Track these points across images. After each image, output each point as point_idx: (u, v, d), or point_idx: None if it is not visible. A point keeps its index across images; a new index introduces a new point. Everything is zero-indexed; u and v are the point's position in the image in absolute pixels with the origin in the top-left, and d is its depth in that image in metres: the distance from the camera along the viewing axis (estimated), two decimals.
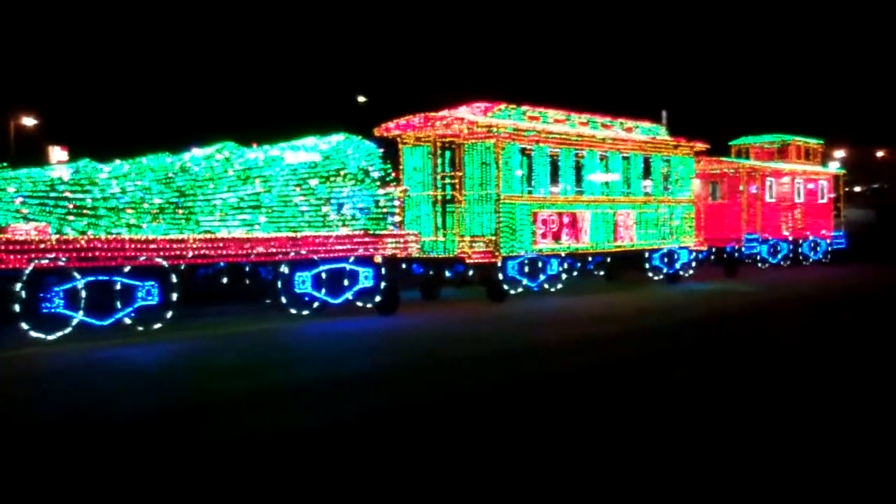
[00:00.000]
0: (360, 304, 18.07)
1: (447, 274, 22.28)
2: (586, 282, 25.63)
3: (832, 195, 35.22)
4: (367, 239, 17.87)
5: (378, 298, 18.27)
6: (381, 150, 18.60)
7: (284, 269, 16.58)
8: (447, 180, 21.80)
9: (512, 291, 21.55)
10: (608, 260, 25.03)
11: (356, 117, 24.48)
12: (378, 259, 18.16)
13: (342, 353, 13.72)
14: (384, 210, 18.42)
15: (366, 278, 17.98)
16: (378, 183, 18.35)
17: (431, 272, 21.99)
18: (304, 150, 17.76)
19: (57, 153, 32.50)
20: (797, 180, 32.86)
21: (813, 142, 34.96)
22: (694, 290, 24.52)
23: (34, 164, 15.92)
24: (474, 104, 22.15)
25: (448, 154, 21.84)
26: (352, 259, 17.67)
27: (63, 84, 35.16)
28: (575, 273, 24.48)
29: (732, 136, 34.96)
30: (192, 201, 16.12)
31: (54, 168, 15.61)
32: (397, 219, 18.65)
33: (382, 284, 18.27)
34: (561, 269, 22.64)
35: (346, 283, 17.60)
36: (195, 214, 16.02)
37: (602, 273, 26.59)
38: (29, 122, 39.95)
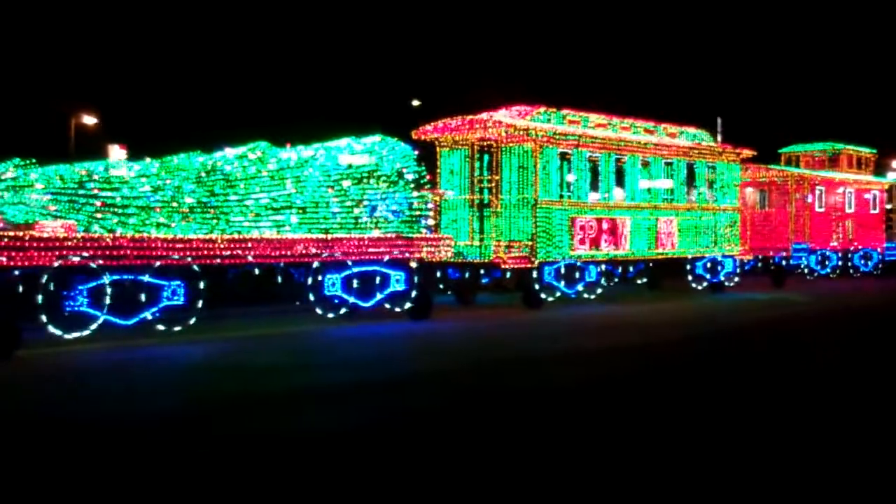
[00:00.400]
0: (391, 307, 17.81)
1: (484, 279, 21.99)
2: (627, 290, 25.18)
3: (886, 206, 34.31)
4: (399, 242, 17.60)
5: (410, 303, 18.00)
6: (417, 153, 18.33)
7: (314, 271, 16.37)
8: (484, 184, 21.50)
9: (549, 298, 21.17)
10: (650, 267, 24.59)
11: (410, 121, 24.27)
12: (412, 263, 17.90)
13: (369, 358, 13.48)
14: (418, 213, 18.15)
15: (398, 282, 17.71)
16: (412, 185, 18.08)
17: (467, 277, 21.68)
18: (338, 151, 17.56)
19: (116, 152, 32.99)
20: (848, 190, 32.04)
21: (865, 151, 34.10)
22: (738, 300, 23.93)
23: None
24: (513, 107, 21.81)
25: (486, 157, 21.54)
26: (384, 262, 17.41)
27: (123, 83, 35.46)
28: (615, 280, 24.09)
29: (786, 143, 34.24)
30: (223, 201, 16.00)
31: (86, 165, 15.56)
32: (431, 222, 18.38)
33: (415, 288, 17.99)
34: (599, 276, 22.19)
35: (377, 286, 17.35)
36: (226, 214, 15.89)
37: (644, 281, 26.23)
38: (89, 120, 40.29)
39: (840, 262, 31.60)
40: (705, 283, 25.40)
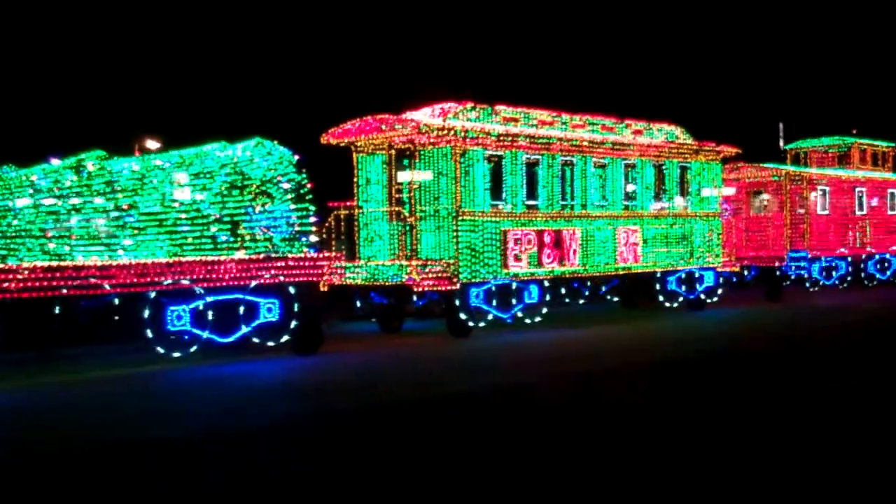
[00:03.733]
0: (260, 341, 15.08)
1: (419, 302, 19.22)
2: (594, 310, 22.22)
3: None
4: (269, 264, 14.87)
5: (288, 335, 15.27)
6: (297, 158, 15.60)
7: (153, 302, 13.71)
8: (405, 194, 18.72)
9: (481, 324, 18.30)
10: (623, 284, 21.62)
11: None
12: (291, 289, 15.18)
13: (205, 407, 11.15)
14: (297, 229, 15.43)
15: (269, 312, 14.99)
16: (291, 197, 15.37)
17: (391, 302, 18.92)
18: (192, 160, 14.91)
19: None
20: (859, 189, 28.58)
21: (882, 145, 30.57)
22: (714, 319, 20.81)
23: None
24: (437, 104, 18.96)
25: (406, 163, 18.76)
26: (249, 288, 14.71)
27: (185, 109, 33.45)
28: (579, 300, 21.28)
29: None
30: (39, 223, 13.45)
31: None
32: (313, 239, 15.62)
33: (294, 319, 15.26)
34: (543, 296, 19.24)
35: (241, 317, 14.65)
36: (38, 238, 13.31)
37: (615, 299, 23.27)
38: (152, 145, 39.59)
39: (850, 272, 28.12)
40: (679, 301, 22.30)
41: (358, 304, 18.97)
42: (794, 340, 17.33)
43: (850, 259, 28.07)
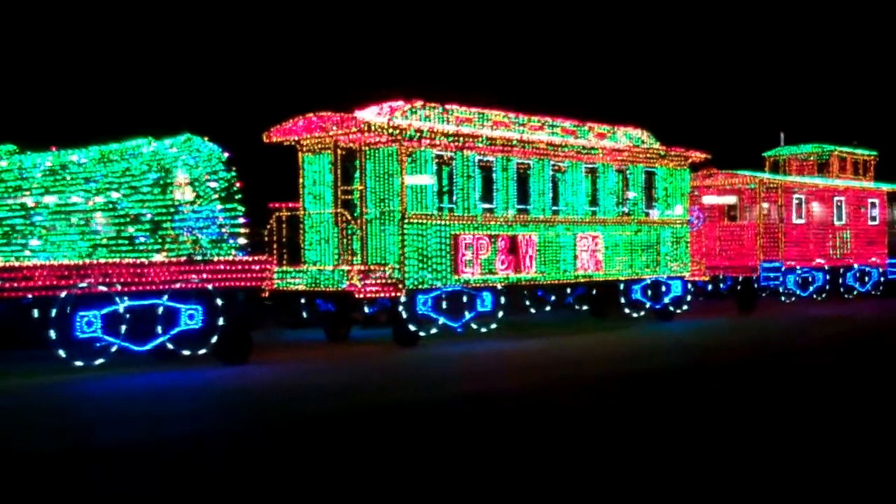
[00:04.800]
0: (181, 350, 14.16)
1: (371, 309, 18.32)
2: (546, 320, 21.37)
3: (888, 216, 29.88)
4: (191, 268, 13.99)
5: (212, 343, 14.38)
6: (227, 155, 14.72)
7: (60, 306, 12.82)
8: (349, 196, 17.85)
9: (431, 332, 17.43)
10: (570, 294, 20.77)
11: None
12: (217, 295, 14.29)
13: (100, 419, 10.32)
14: (225, 230, 14.56)
15: (190, 318, 14.09)
16: (219, 196, 14.50)
17: (338, 309, 18.05)
18: (112, 155, 14.05)
19: None
20: (838, 198, 27.72)
21: (863, 153, 29.71)
22: (677, 331, 19.94)
23: None
24: (386, 103, 18.10)
25: (355, 163, 17.90)
26: (170, 293, 13.81)
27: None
28: (544, 308, 20.47)
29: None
30: None
31: None
32: (242, 241, 14.74)
33: (219, 326, 14.36)
34: (497, 304, 18.36)
35: (159, 324, 13.75)
36: None
37: (583, 308, 22.44)
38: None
39: (828, 283, 27.24)
40: (644, 311, 21.42)
41: (304, 311, 18.11)
42: (752, 354, 16.45)
43: (827, 270, 27.18)
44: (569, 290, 20.87)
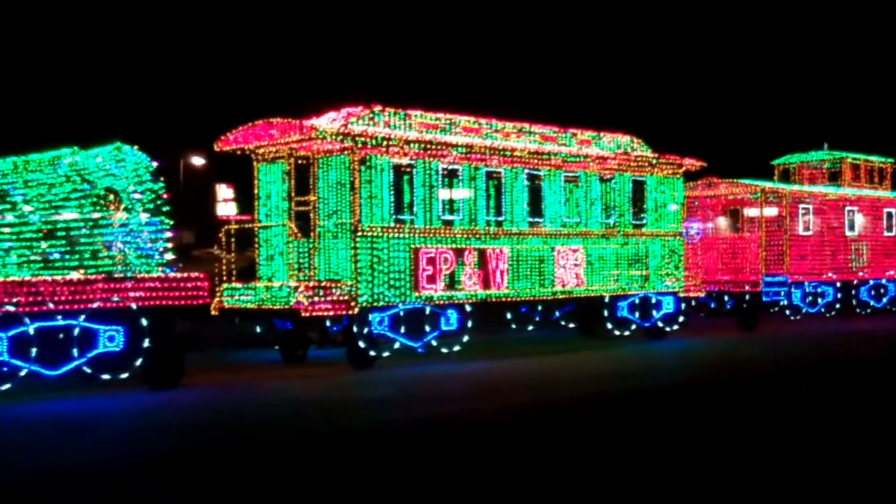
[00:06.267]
0: (99, 374, 13.11)
1: (334, 328, 17.22)
2: (524, 339, 20.19)
3: None
4: (110, 286, 12.96)
5: (136, 367, 13.34)
6: (155, 165, 13.72)
7: None
8: (306, 207, 16.79)
9: (386, 354, 16.28)
10: (557, 311, 19.64)
11: None
12: (139, 313, 13.26)
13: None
14: (152, 245, 13.53)
15: (110, 340, 13.05)
16: (144, 209, 13.49)
17: (295, 328, 16.96)
18: (29, 166, 13.10)
19: (223, 191, 35.60)
20: (850, 207, 26.20)
21: (878, 160, 28.15)
22: (664, 351, 18.66)
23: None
24: (344, 108, 17.01)
25: (308, 172, 16.85)
26: (86, 313, 12.79)
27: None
28: (527, 326, 19.44)
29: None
30: None
31: None
32: (168, 257, 13.70)
33: (143, 348, 13.32)
34: (463, 322, 17.17)
35: (74, 346, 12.73)
36: None
37: (571, 326, 21.29)
38: (198, 161, 41.86)
39: (839, 298, 25.68)
40: (631, 329, 20.11)
41: (258, 329, 17.07)
42: (743, 378, 15.11)
43: (839, 284, 25.64)
44: (555, 307, 19.79)
